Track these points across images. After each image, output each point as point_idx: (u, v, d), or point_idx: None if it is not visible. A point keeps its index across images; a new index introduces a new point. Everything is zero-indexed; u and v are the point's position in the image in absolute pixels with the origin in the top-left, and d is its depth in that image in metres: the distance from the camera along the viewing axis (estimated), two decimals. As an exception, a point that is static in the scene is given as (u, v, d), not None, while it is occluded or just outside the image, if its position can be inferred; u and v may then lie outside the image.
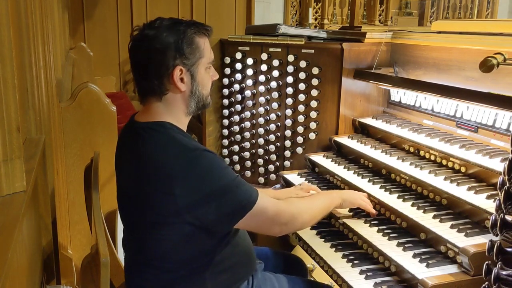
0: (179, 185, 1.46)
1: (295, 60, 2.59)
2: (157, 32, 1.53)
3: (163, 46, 1.52)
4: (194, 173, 1.47)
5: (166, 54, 1.53)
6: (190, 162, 1.48)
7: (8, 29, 1.26)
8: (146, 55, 1.54)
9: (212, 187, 1.48)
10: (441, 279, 1.54)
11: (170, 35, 1.53)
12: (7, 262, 1.00)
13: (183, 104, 1.61)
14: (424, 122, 2.36)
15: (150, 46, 1.53)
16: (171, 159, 1.49)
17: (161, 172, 1.49)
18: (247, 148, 2.79)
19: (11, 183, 1.31)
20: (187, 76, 1.57)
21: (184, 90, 1.58)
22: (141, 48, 1.55)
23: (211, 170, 1.50)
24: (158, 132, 1.55)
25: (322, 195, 1.97)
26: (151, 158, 1.52)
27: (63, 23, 5.30)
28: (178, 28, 1.55)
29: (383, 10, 9.26)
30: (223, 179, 1.51)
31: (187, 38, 1.55)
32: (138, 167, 1.56)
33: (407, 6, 9.68)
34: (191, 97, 1.61)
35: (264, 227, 1.63)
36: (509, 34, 1.99)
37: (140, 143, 1.56)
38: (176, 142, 1.53)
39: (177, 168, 1.47)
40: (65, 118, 2.97)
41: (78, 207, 3.01)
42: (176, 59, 1.54)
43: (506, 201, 1.29)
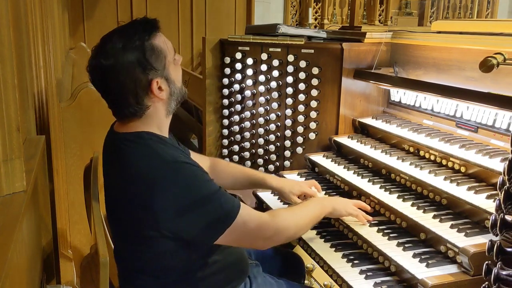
0: (158, 198, 1.42)
1: (295, 60, 2.59)
2: (116, 60, 1.44)
3: (130, 71, 1.45)
4: (173, 185, 1.43)
5: (136, 77, 1.46)
6: (170, 175, 1.44)
7: (8, 29, 1.26)
8: (116, 85, 1.47)
9: (191, 199, 1.44)
10: (441, 279, 1.54)
11: (130, 56, 1.45)
12: (7, 262, 1.00)
13: (164, 109, 1.57)
14: (424, 122, 2.36)
15: (118, 76, 1.45)
16: (149, 172, 1.44)
17: (139, 186, 1.45)
18: (247, 148, 2.79)
19: (11, 183, 1.31)
20: (163, 82, 1.53)
21: (164, 98, 1.55)
22: (107, 80, 1.47)
23: (191, 182, 1.46)
24: (137, 144, 1.50)
25: (312, 203, 1.83)
26: (130, 171, 1.48)
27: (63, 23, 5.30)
28: (132, 45, 1.46)
29: (383, 10, 9.26)
30: (202, 190, 1.46)
31: (147, 49, 1.48)
32: (118, 180, 1.53)
33: (407, 6, 9.68)
34: (170, 99, 1.58)
35: (246, 240, 1.56)
36: (509, 34, 1.99)
37: (120, 155, 1.52)
38: (155, 154, 1.48)
39: (155, 181, 1.43)
40: (65, 118, 2.98)
41: (78, 207, 3.01)
42: (147, 74, 1.48)
43: (506, 201, 1.29)
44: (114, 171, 1.57)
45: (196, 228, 1.46)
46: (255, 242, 1.60)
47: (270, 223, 1.58)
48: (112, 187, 1.60)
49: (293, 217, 1.68)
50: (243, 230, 1.51)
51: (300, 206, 1.80)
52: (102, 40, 1.50)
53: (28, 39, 1.85)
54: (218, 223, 1.48)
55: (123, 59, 1.44)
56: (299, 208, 1.78)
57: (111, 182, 1.61)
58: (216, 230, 1.48)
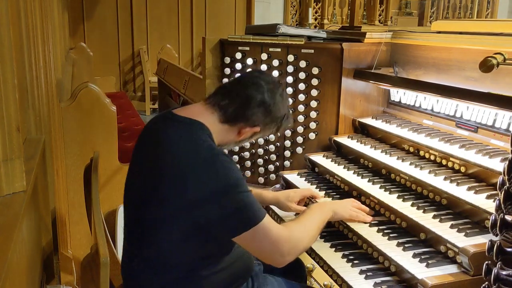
0: (193, 178, 1.47)
1: (295, 60, 2.59)
2: (277, 98, 1.72)
3: (273, 114, 1.72)
4: (210, 169, 1.49)
5: (265, 117, 1.70)
6: (209, 160, 1.51)
7: (8, 29, 1.26)
8: (260, 101, 1.68)
9: (223, 185, 1.49)
10: (441, 279, 1.54)
11: (282, 112, 1.75)
12: (7, 262, 1.00)
13: (228, 139, 1.72)
14: (424, 122, 2.36)
15: (268, 101, 1.69)
16: (192, 153, 1.52)
17: (180, 163, 1.51)
18: (247, 148, 2.79)
19: (11, 183, 1.31)
20: (250, 134, 1.74)
21: (239, 139, 1.73)
22: (261, 92, 1.69)
23: (227, 171, 1.51)
24: (194, 129, 1.59)
25: (316, 211, 1.83)
26: (175, 148, 1.54)
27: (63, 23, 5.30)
28: (286, 112, 1.78)
29: (383, 10, 9.27)
30: (237, 183, 1.51)
31: (284, 124, 1.79)
32: (159, 155, 1.57)
33: (407, 6, 9.69)
34: (236, 143, 1.76)
35: (265, 251, 1.57)
36: (509, 34, 1.99)
37: (172, 132, 1.59)
38: (204, 141, 1.56)
39: (195, 162, 1.49)
40: (65, 118, 2.98)
41: (78, 207, 3.02)
42: (262, 125, 1.72)
43: (506, 201, 1.29)
44: (156, 145, 1.61)
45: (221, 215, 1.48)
46: (273, 255, 1.58)
47: (288, 238, 1.59)
48: (148, 165, 1.62)
49: (306, 231, 1.70)
50: (265, 237, 1.52)
51: (308, 216, 1.78)
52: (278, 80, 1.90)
53: (28, 39, 1.85)
54: (245, 217, 1.50)
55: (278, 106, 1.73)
56: (308, 219, 1.77)
57: (148, 159, 1.63)
58: (241, 223, 1.50)
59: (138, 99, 8.29)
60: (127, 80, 8.38)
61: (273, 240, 1.54)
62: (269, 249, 1.55)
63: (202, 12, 8.50)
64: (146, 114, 7.83)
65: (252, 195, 1.54)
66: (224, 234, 1.54)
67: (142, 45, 8.16)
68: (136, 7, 8.12)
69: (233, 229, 1.51)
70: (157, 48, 8.11)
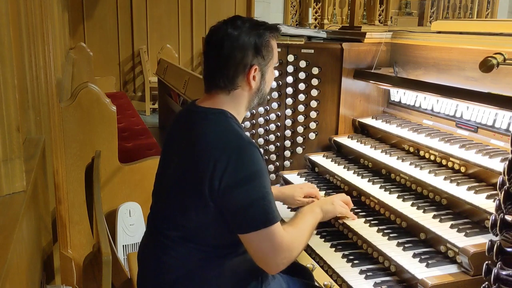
0: (222, 165, 1.49)
1: (295, 60, 2.59)
2: (240, 32, 1.64)
3: (245, 46, 1.63)
4: (239, 157, 1.51)
5: (247, 54, 1.63)
6: (240, 148, 1.53)
7: (8, 29, 1.26)
8: (229, 52, 1.63)
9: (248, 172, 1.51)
10: (441, 279, 1.54)
11: (251, 37, 1.64)
12: (7, 262, 1.00)
13: (247, 99, 1.70)
14: (424, 122, 2.36)
15: (234, 44, 1.62)
16: (224, 143, 1.54)
17: (212, 153, 1.52)
18: (247, 148, 2.79)
19: (11, 183, 1.31)
20: (259, 74, 1.68)
21: (253, 87, 1.67)
22: (224, 44, 1.64)
23: (255, 161, 1.53)
24: (218, 118, 1.61)
25: (308, 215, 1.80)
26: (205, 137, 1.57)
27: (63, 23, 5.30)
28: (258, 31, 1.66)
29: (383, 10, 9.27)
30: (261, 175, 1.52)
31: (265, 40, 1.67)
32: (191, 145, 1.60)
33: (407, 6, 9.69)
34: (256, 93, 1.71)
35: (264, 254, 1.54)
36: (509, 34, 1.99)
37: (199, 124, 1.62)
38: (233, 130, 1.58)
39: (227, 150, 1.51)
40: (65, 118, 2.98)
41: (78, 207, 3.02)
42: (254, 59, 1.65)
43: (506, 201, 1.29)
44: (188, 137, 1.63)
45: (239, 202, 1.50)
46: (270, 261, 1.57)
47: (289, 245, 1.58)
48: (180, 156, 1.65)
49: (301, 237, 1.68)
50: (269, 240, 1.52)
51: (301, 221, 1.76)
52: (233, 16, 1.71)
53: (28, 39, 1.85)
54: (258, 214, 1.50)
55: (245, 36, 1.63)
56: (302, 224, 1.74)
57: (181, 149, 1.65)
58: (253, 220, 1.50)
59: (138, 99, 8.29)
60: (127, 80, 8.38)
61: (276, 246, 1.53)
62: (268, 253, 1.54)
63: (202, 12, 8.50)
64: (146, 114, 7.83)
65: (272, 194, 1.56)
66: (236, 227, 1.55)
67: (142, 45, 8.16)
68: (136, 7, 8.12)
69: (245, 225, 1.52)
70: (157, 48, 8.11)
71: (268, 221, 1.51)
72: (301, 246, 1.66)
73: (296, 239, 1.63)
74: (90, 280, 2.41)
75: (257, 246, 1.54)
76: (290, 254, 1.59)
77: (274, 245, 1.53)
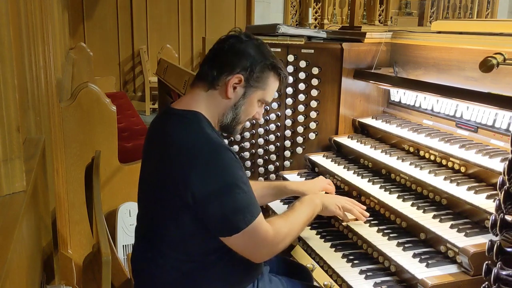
0: (194, 174, 1.48)
1: (295, 60, 2.59)
2: (248, 42, 1.65)
3: (243, 53, 1.62)
4: (211, 166, 1.49)
5: (240, 60, 1.61)
6: (211, 154, 1.51)
7: (8, 29, 1.26)
8: (226, 48, 1.63)
9: (222, 183, 1.49)
10: (441, 279, 1.54)
11: (255, 52, 1.64)
12: (7, 262, 1.00)
13: (221, 107, 1.65)
14: (424, 122, 2.36)
15: (236, 46, 1.63)
16: (194, 147, 1.52)
17: (182, 157, 1.51)
18: (247, 148, 2.79)
19: (11, 183, 1.31)
20: (241, 90, 1.64)
21: (230, 98, 1.63)
22: (226, 41, 1.65)
23: (228, 166, 1.51)
24: (190, 120, 1.59)
25: (304, 205, 1.79)
26: (176, 142, 1.55)
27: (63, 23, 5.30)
28: (265, 54, 1.66)
29: (383, 10, 9.27)
30: (234, 179, 1.50)
31: (265, 66, 1.65)
32: (163, 150, 1.59)
33: (407, 6, 9.69)
34: (231, 108, 1.66)
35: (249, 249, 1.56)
36: (509, 34, 1.99)
37: (170, 127, 1.60)
38: (204, 133, 1.56)
39: (196, 157, 1.50)
40: (65, 118, 2.98)
41: (78, 207, 3.02)
42: (243, 71, 1.61)
43: (506, 201, 1.29)
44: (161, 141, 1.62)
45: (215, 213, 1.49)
46: (254, 254, 1.58)
47: (273, 239, 1.57)
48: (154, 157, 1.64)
49: (291, 228, 1.66)
50: (251, 238, 1.52)
51: (294, 211, 1.76)
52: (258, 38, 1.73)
53: (28, 39, 1.85)
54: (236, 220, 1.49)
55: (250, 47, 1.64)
56: (293, 214, 1.74)
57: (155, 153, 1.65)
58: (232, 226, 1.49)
59: (138, 99, 8.29)
60: (127, 80, 8.38)
61: (259, 241, 1.54)
62: (252, 248, 1.56)
63: (202, 12, 8.50)
64: (146, 114, 7.83)
65: (250, 192, 1.54)
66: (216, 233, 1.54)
67: (142, 45, 8.16)
68: (136, 7, 8.12)
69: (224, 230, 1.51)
70: (157, 48, 8.11)
71: (248, 220, 1.50)
72: (289, 237, 1.66)
73: (283, 230, 1.62)
74: (90, 280, 2.41)
75: (242, 246, 1.55)
76: (276, 245, 1.59)
77: (258, 241, 1.54)
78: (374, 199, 2.02)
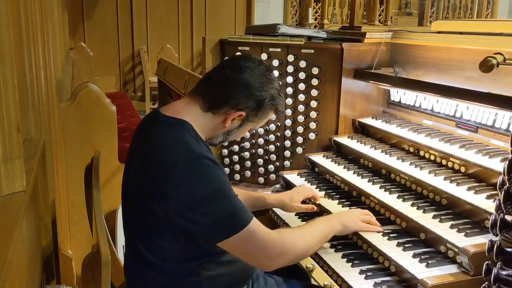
0: (173, 185, 1.44)
1: (295, 60, 2.59)
2: (261, 78, 1.63)
3: (253, 92, 1.61)
4: (190, 175, 1.46)
5: (248, 99, 1.62)
6: (189, 164, 1.47)
7: (8, 29, 1.26)
8: (240, 81, 1.61)
9: (204, 192, 1.45)
10: (441, 279, 1.54)
11: (265, 90, 1.64)
12: (7, 262, 1.00)
13: (213, 131, 1.66)
14: (424, 122, 2.36)
15: (248, 80, 1.61)
16: (173, 156, 1.48)
17: (160, 168, 1.48)
18: (247, 148, 2.79)
19: (11, 183, 1.31)
20: (238, 122, 1.66)
21: (226, 127, 1.64)
22: (243, 71, 1.62)
23: (208, 176, 1.47)
24: (175, 129, 1.55)
25: (320, 222, 1.77)
26: (157, 152, 1.52)
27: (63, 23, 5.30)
28: (273, 93, 1.66)
29: (383, 10, 9.27)
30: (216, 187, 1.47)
31: (267, 106, 1.66)
32: (143, 157, 1.57)
33: (407, 6, 9.70)
34: (224, 134, 1.68)
35: (251, 254, 1.52)
36: (509, 34, 1.99)
37: (154, 134, 1.57)
38: (185, 143, 1.52)
39: (175, 166, 1.46)
40: (65, 118, 2.98)
41: (78, 207, 3.02)
42: (248, 109, 1.63)
43: (506, 201, 1.29)
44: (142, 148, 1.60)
45: (202, 223, 1.46)
46: (260, 259, 1.54)
47: (277, 241, 1.54)
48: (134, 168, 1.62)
49: (301, 237, 1.64)
50: (250, 241, 1.49)
51: (309, 225, 1.75)
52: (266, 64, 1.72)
53: (28, 39, 1.85)
54: (227, 225, 1.46)
55: (262, 86, 1.63)
56: (308, 227, 1.72)
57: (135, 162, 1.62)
58: (223, 231, 1.47)
59: (138, 99, 8.29)
60: (127, 80, 8.38)
61: (259, 244, 1.50)
62: (255, 252, 1.52)
63: (202, 12, 8.49)
64: (146, 114, 7.82)
65: (235, 199, 1.50)
66: (208, 241, 1.52)
67: (142, 45, 8.16)
68: (136, 7, 8.12)
69: (215, 236, 1.48)
70: (157, 48, 8.11)
71: (239, 225, 1.46)
72: (301, 246, 1.62)
73: (292, 237, 1.59)
74: (90, 280, 2.41)
75: (240, 250, 1.51)
76: (285, 251, 1.55)
77: (257, 243, 1.50)
78: (374, 199, 2.02)
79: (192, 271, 1.58)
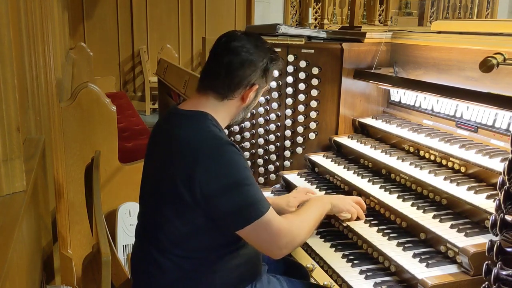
0: (201, 171, 1.50)
1: (295, 60, 2.59)
2: (258, 51, 1.69)
3: (257, 65, 1.68)
4: (218, 162, 1.53)
5: (255, 73, 1.68)
6: (217, 151, 1.54)
7: (8, 29, 1.26)
8: (242, 63, 1.66)
9: (231, 179, 1.52)
10: (441, 279, 1.54)
11: (265, 59, 1.70)
12: (7, 262, 1.00)
13: (235, 111, 1.73)
14: (424, 122, 2.36)
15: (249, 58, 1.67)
16: (199, 144, 1.55)
17: (187, 155, 1.54)
18: (247, 148, 2.79)
19: (11, 183, 1.31)
20: (253, 94, 1.72)
21: (246, 103, 1.71)
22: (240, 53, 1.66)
23: (234, 163, 1.54)
24: (197, 120, 1.62)
25: (313, 204, 1.85)
26: (182, 140, 1.58)
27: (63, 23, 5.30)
28: (272, 56, 1.73)
29: (383, 10, 9.27)
30: (243, 175, 1.54)
31: (273, 66, 1.74)
32: (169, 149, 1.62)
33: (407, 6, 9.70)
34: (244, 109, 1.75)
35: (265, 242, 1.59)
36: (509, 34, 1.99)
37: (177, 126, 1.64)
38: (210, 131, 1.59)
39: (202, 153, 1.53)
40: (65, 118, 2.98)
41: (78, 207, 3.02)
42: (259, 79, 1.70)
43: (506, 201, 1.29)
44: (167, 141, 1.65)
45: (227, 209, 1.52)
46: (271, 247, 1.61)
47: (288, 230, 1.61)
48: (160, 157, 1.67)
49: (302, 223, 1.71)
50: (267, 229, 1.55)
51: (305, 209, 1.81)
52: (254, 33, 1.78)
53: (28, 39, 1.85)
54: (248, 212, 1.52)
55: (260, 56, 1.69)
56: (305, 212, 1.79)
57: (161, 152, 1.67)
58: (244, 218, 1.53)
59: (138, 99, 8.29)
60: (127, 80, 8.38)
61: (274, 233, 1.57)
62: (268, 241, 1.58)
63: (202, 12, 8.50)
64: (146, 114, 7.83)
65: (256, 185, 1.58)
66: (228, 227, 1.57)
67: (142, 45, 8.16)
68: (136, 7, 8.12)
69: (237, 223, 1.54)
70: (157, 48, 8.11)
71: (260, 212, 1.53)
72: (304, 233, 1.70)
73: (297, 225, 1.67)
74: (90, 280, 2.42)
75: (256, 237, 1.58)
76: (293, 239, 1.63)
77: (272, 232, 1.57)
78: (374, 199, 2.02)
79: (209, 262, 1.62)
